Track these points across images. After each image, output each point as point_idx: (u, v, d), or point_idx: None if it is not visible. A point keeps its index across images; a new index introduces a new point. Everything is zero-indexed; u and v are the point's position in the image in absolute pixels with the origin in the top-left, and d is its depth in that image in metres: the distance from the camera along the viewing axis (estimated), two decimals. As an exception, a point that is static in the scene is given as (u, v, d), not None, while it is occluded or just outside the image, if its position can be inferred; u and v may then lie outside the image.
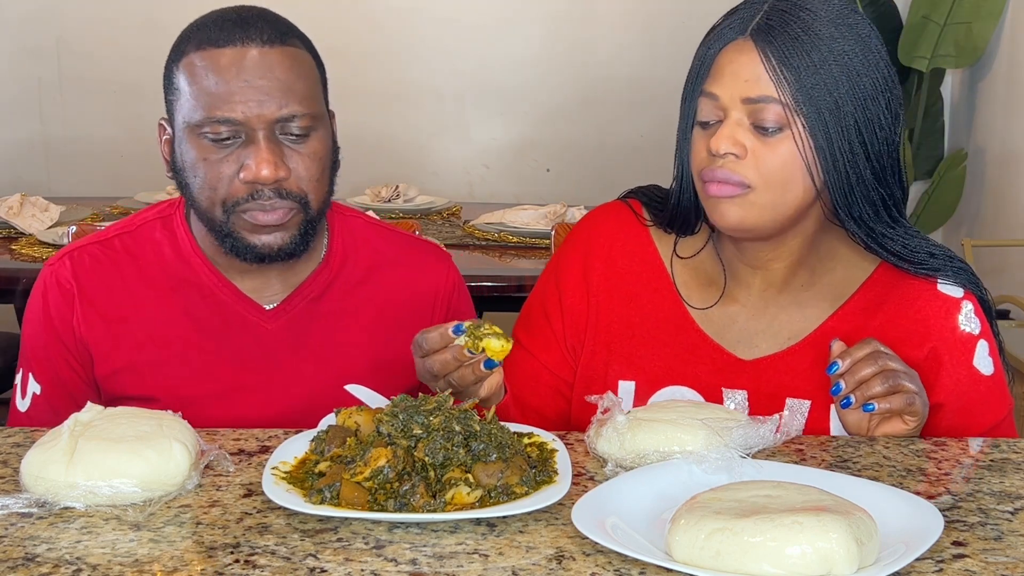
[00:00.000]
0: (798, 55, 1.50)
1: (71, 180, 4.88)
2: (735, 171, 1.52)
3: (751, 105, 1.51)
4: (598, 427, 1.43)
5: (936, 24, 4.44)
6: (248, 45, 1.59)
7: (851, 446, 1.47)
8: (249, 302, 1.71)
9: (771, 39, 1.51)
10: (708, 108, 1.55)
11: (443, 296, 1.81)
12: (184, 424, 1.37)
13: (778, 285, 1.65)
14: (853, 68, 1.52)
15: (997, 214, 4.44)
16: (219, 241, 1.66)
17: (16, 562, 1.13)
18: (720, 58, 1.54)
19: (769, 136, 1.51)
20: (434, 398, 1.35)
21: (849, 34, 1.52)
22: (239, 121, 1.57)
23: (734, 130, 1.52)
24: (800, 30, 1.51)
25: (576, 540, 1.18)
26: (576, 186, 4.90)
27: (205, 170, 1.60)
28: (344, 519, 1.22)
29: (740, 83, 1.51)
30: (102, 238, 1.75)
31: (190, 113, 1.60)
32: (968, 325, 1.60)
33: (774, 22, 1.52)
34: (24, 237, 3.18)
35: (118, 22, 4.86)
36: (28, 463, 1.29)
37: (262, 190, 1.59)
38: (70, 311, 1.70)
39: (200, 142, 1.60)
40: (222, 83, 1.57)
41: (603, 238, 1.72)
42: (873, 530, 1.12)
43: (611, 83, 4.95)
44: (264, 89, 1.58)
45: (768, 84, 1.50)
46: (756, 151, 1.52)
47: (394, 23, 4.84)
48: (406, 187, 3.80)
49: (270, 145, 1.58)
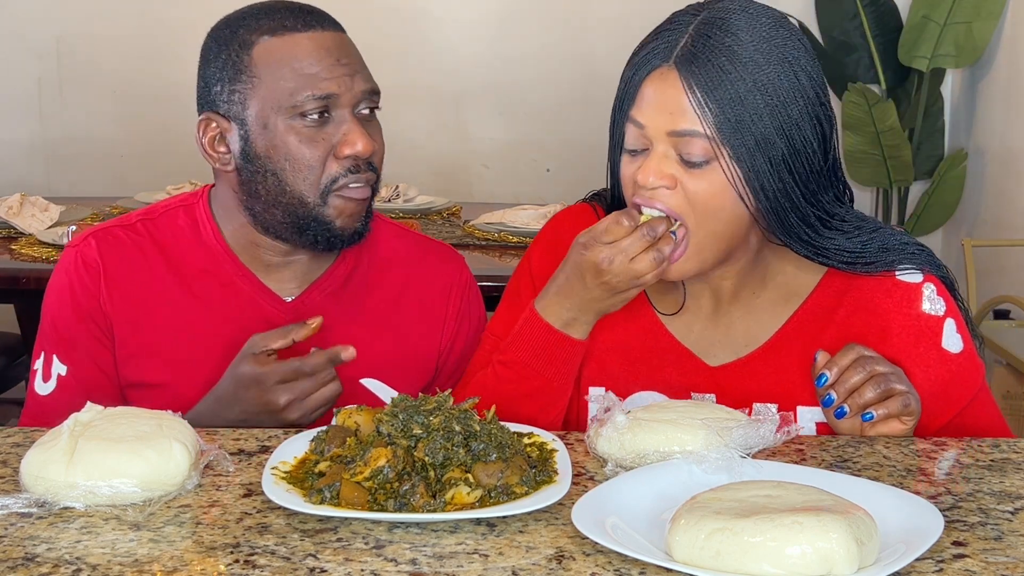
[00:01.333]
0: (722, 87, 1.47)
1: (71, 180, 4.88)
2: (668, 204, 1.51)
3: (676, 138, 1.49)
4: (598, 427, 1.43)
5: (936, 24, 4.44)
6: (323, 29, 1.66)
7: (851, 446, 1.47)
8: (269, 292, 1.73)
9: (695, 69, 1.48)
10: (634, 136, 1.53)
11: (456, 295, 1.83)
12: (184, 424, 1.37)
13: (728, 297, 1.64)
14: (779, 96, 1.49)
15: (997, 214, 4.44)
16: (296, 232, 1.68)
17: (16, 562, 1.13)
18: (645, 86, 1.52)
19: (696, 168, 1.49)
20: (434, 398, 1.35)
21: (775, 58, 1.50)
22: (338, 95, 1.62)
23: (661, 162, 1.50)
24: (725, 59, 1.48)
25: (576, 540, 1.18)
26: (576, 186, 4.87)
27: (304, 152, 1.63)
28: (344, 519, 1.22)
29: (665, 115, 1.50)
30: (126, 222, 1.77)
31: (281, 96, 1.62)
32: (932, 307, 1.60)
33: (698, 49, 1.49)
34: (24, 237, 3.18)
35: (118, 22, 4.85)
36: (28, 463, 1.29)
37: (359, 165, 1.64)
38: (97, 288, 1.71)
39: (293, 124, 1.63)
40: (315, 63, 1.62)
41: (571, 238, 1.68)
42: (873, 530, 1.12)
43: (611, 83, 4.93)
44: (352, 66, 1.65)
45: (693, 117, 1.48)
46: (684, 182, 1.50)
47: (394, 23, 4.84)
48: (406, 187, 3.80)
49: (361, 119, 1.66)
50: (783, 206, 1.52)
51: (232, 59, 1.65)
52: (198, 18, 5.34)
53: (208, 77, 1.68)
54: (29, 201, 3.36)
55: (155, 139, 4.85)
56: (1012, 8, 4.40)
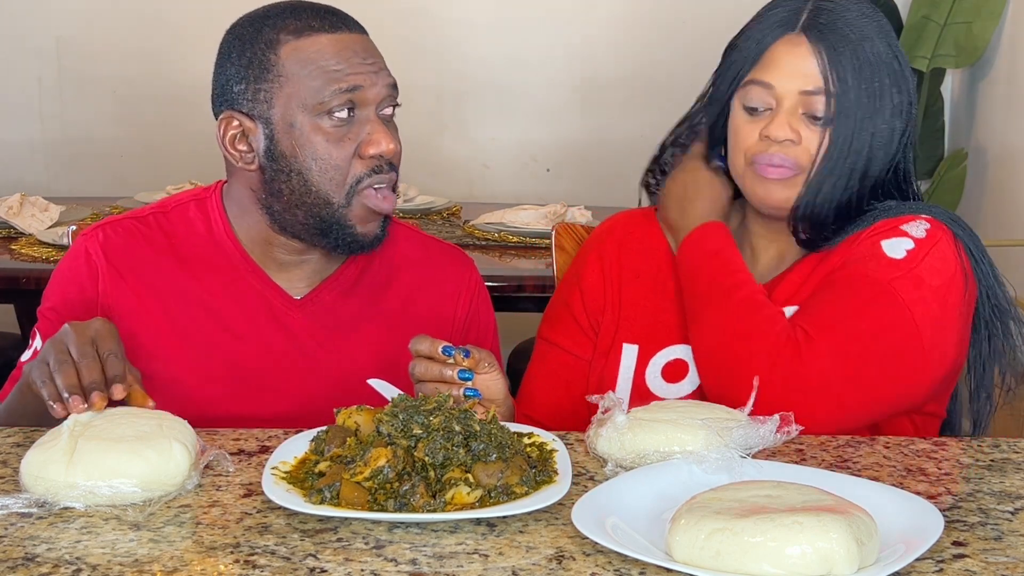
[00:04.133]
0: (845, 53, 1.63)
1: (71, 180, 4.87)
2: (790, 155, 1.64)
3: (807, 96, 1.63)
4: (598, 427, 1.43)
5: (936, 24, 4.44)
6: (347, 31, 1.67)
7: (851, 446, 1.47)
8: (278, 289, 1.73)
9: (823, 36, 1.63)
10: (759, 95, 1.66)
11: (465, 298, 1.83)
12: (184, 424, 1.37)
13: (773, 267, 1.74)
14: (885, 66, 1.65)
15: (997, 214, 4.43)
16: (318, 234, 1.68)
17: (16, 562, 1.13)
18: (774, 50, 1.65)
19: (818, 124, 1.63)
20: (434, 398, 1.35)
21: (879, 31, 1.66)
22: (364, 88, 1.63)
23: (790, 118, 1.64)
24: (848, 30, 1.64)
25: (576, 540, 1.18)
26: (576, 186, 4.89)
27: (330, 151, 1.63)
28: (344, 519, 1.22)
29: (798, 77, 1.64)
30: (138, 215, 1.78)
31: (308, 95, 1.63)
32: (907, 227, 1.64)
33: (822, 20, 1.64)
34: (24, 237, 3.18)
35: (118, 22, 4.85)
36: (28, 463, 1.29)
37: (382, 166, 1.65)
38: (93, 282, 1.71)
39: (319, 123, 1.63)
40: (342, 61, 1.63)
41: (617, 227, 1.85)
42: (873, 530, 1.12)
43: (611, 83, 4.94)
44: (376, 66, 1.66)
45: (821, 78, 1.63)
46: (807, 138, 1.64)
47: (394, 23, 4.83)
48: (406, 187, 3.80)
49: (385, 120, 1.67)
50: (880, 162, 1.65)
51: (257, 58, 1.65)
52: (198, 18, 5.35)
53: (229, 75, 1.68)
54: (29, 201, 3.36)
55: (155, 139, 4.84)
56: (1012, 8, 4.40)
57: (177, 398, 1.65)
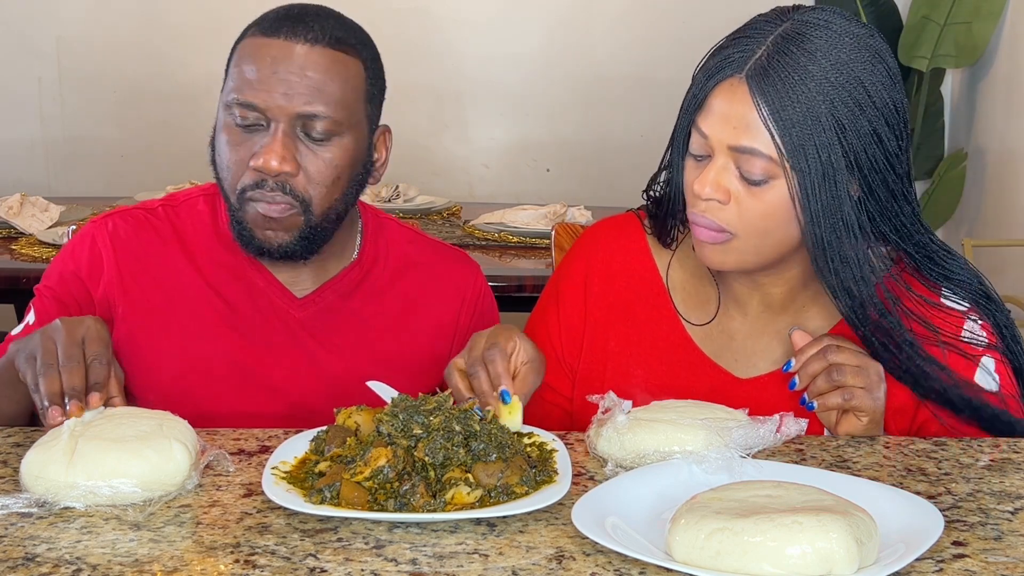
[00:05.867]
0: (790, 107, 1.43)
1: (71, 180, 4.88)
2: (717, 218, 1.49)
3: (738, 153, 1.47)
4: (598, 427, 1.43)
5: (936, 24, 4.44)
6: (293, 40, 1.61)
7: (851, 446, 1.47)
8: (281, 288, 1.74)
9: (765, 86, 1.44)
10: (698, 143, 1.51)
11: (468, 302, 1.83)
12: (184, 424, 1.37)
13: (777, 308, 1.62)
14: (848, 122, 1.45)
15: (997, 214, 4.44)
16: (232, 227, 1.68)
17: (16, 562, 1.13)
18: (714, 95, 1.48)
19: (754, 186, 1.47)
20: (434, 398, 1.35)
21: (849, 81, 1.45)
22: (260, 108, 1.60)
23: (719, 175, 1.48)
24: (797, 78, 1.44)
25: (576, 540, 1.18)
26: (576, 186, 4.89)
27: (227, 151, 1.64)
28: (344, 519, 1.22)
29: (729, 129, 1.46)
30: (149, 206, 1.79)
31: (227, 93, 1.64)
32: (973, 337, 1.56)
33: (772, 65, 1.45)
34: (24, 237, 3.18)
35: (118, 22, 4.85)
36: (28, 463, 1.29)
37: (266, 180, 1.61)
38: (93, 270, 1.72)
39: (228, 123, 1.63)
40: (255, 70, 1.61)
41: (603, 253, 1.70)
42: (873, 530, 1.12)
43: (611, 83, 4.95)
44: (293, 84, 1.60)
45: (756, 135, 1.45)
46: (739, 198, 1.48)
47: (394, 23, 4.84)
48: (406, 187, 3.80)
49: (285, 139, 1.60)
50: (827, 237, 1.48)
51: (231, 50, 1.68)
52: (198, 18, 5.36)
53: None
54: (29, 201, 3.36)
55: (155, 139, 4.85)
56: (1012, 8, 4.40)
57: (176, 391, 1.66)
